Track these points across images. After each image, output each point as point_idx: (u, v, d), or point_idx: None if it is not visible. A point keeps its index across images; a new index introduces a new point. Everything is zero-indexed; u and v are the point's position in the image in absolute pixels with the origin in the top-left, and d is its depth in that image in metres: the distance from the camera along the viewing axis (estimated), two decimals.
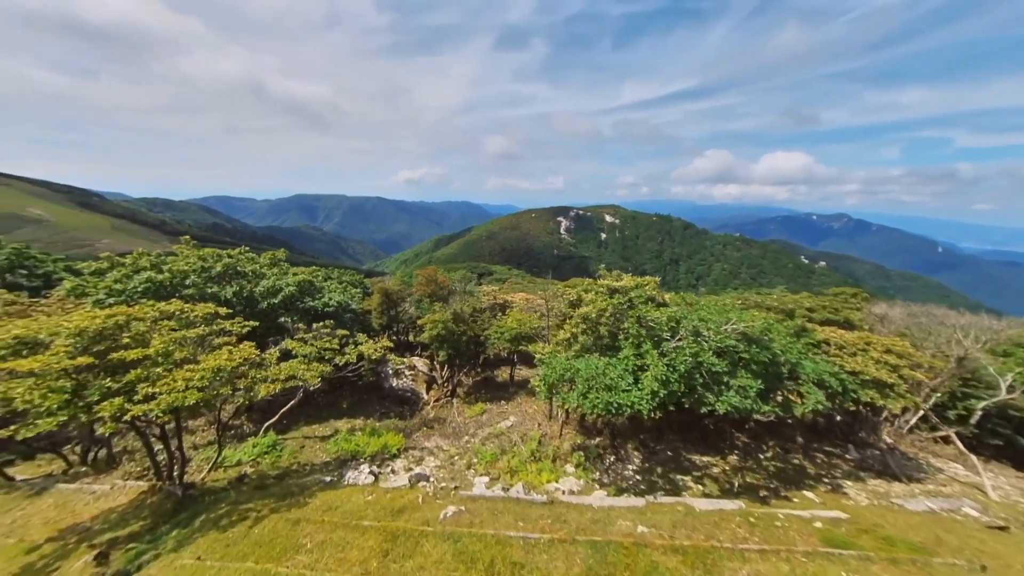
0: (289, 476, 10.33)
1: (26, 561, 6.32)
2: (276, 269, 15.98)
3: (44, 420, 5.66)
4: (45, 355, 6.00)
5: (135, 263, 12.82)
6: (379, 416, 17.15)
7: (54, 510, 8.09)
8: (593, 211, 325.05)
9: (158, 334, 7.47)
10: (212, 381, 7.05)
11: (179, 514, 7.88)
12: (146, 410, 6.19)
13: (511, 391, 21.25)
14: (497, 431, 13.83)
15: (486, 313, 21.13)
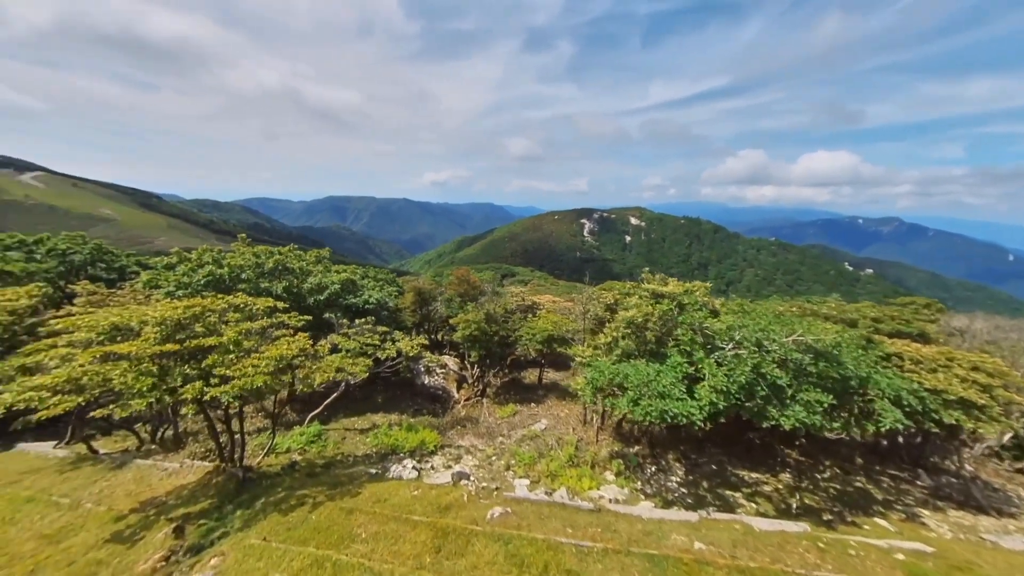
0: (335, 466, 10.74)
1: (115, 529, 6.91)
2: (320, 267, 16.76)
3: (136, 401, 6.16)
4: (138, 341, 6.56)
5: (199, 258, 13.87)
6: (412, 412, 17.52)
7: (134, 483, 8.82)
8: (617, 213, 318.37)
9: (228, 325, 8.00)
10: (275, 369, 7.43)
11: (241, 495, 8.36)
12: (221, 392, 6.62)
13: (540, 394, 21.10)
14: (531, 433, 13.73)
15: (516, 314, 21.13)
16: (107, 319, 6.93)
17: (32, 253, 20.00)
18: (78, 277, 19.90)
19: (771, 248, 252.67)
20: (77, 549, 6.50)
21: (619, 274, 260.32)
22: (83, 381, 6.00)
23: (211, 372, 6.91)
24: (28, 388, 6.02)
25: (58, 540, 6.76)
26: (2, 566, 6.22)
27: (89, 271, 20.54)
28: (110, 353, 6.20)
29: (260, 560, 5.92)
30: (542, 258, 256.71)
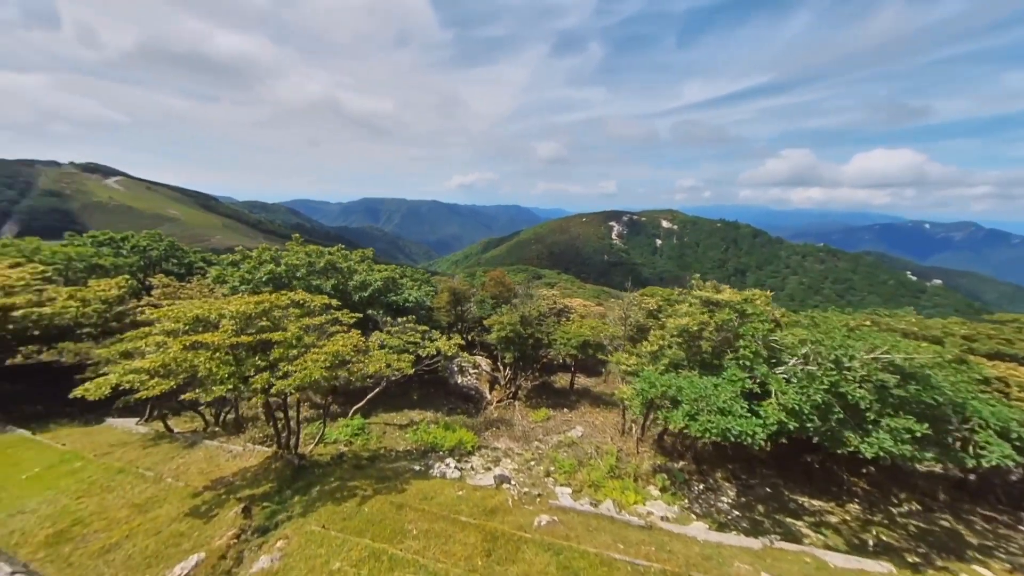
0: (379, 459, 11.10)
1: (193, 504, 7.52)
2: (364, 265, 17.53)
3: (217, 387, 6.67)
4: (218, 333, 7.12)
5: (259, 257, 14.96)
6: (447, 411, 17.80)
7: (204, 462, 9.58)
8: (648, 216, 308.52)
9: (290, 320, 8.51)
10: (332, 363, 7.79)
11: (297, 481, 8.83)
12: (286, 385, 7.02)
13: (572, 399, 20.75)
14: (567, 440, 13.49)
15: (550, 318, 20.95)
16: (191, 311, 7.60)
17: (119, 249, 22.54)
18: (155, 271, 22.19)
19: (818, 254, 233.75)
20: (162, 519, 7.13)
21: (648, 279, 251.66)
22: (173, 367, 6.60)
23: (276, 365, 7.37)
24: (129, 371, 6.69)
25: (146, 510, 7.45)
26: (103, 529, 6.95)
27: (163, 266, 22.84)
28: (196, 342, 6.77)
29: (321, 547, 6.19)
30: (568, 260, 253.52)
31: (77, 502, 7.77)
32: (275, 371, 7.28)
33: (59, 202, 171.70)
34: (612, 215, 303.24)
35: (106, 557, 6.28)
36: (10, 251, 18.29)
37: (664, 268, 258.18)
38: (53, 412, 14.17)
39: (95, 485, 8.26)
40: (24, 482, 8.64)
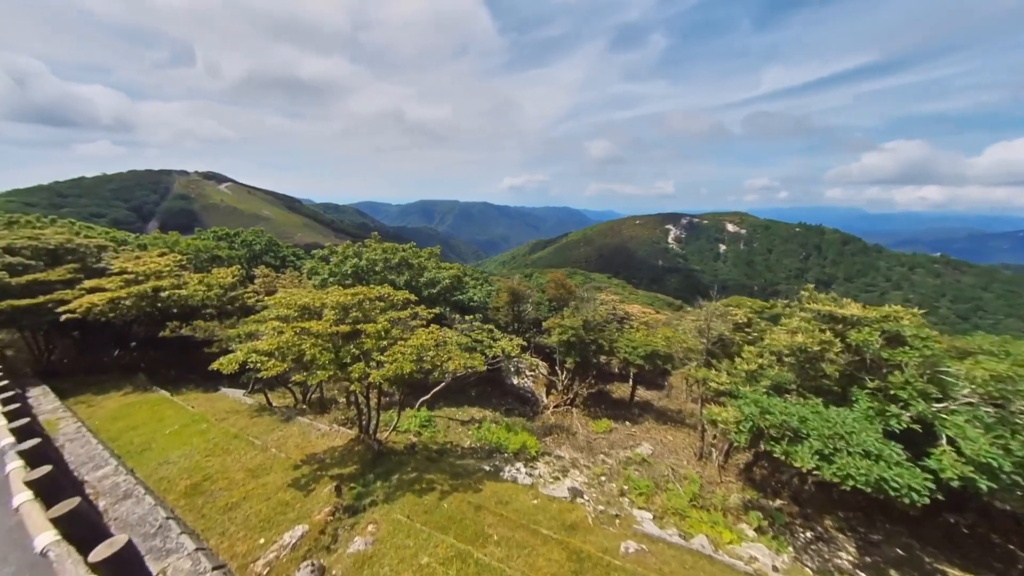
0: (447, 454, 11.31)
1: (294, 476, 8.22)
2: (432, 262, 18.27)
3: (320, 372, 7.17)
4: (321, 322, 7.71)
5: (344, 252, 16.37)
6: (504, 411, 17.76)
7: (299, 437, 10.53)
8: (711, 219, 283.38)
9: (378, 313, 8.98)
10: (418, 357, 7.97)
11: (377, 466, 9.26)
12: (379, 376, 7.32)
13: (635, 412, 19.44)
14: (636, 457, 12.53)
15: (613, 323, 19.90)
16: (299, 300, 8.36)
17: (232, 242, 26.51)
18: (257, 262, 25.67)
19: (932, 266, 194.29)
20: (270, 487, 7.88)
21: (708, 286, 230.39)
22: (285, 350, 7.26)
23: (369, 355, 7.76)
24: (251, 350, 7.49)
25: (257, 475, 8.32)
26: (225, 488, 7.87)
27: (263, 258, 26.37)
28: (305, 329, 7.38)
29: (409, 538, 6.29)
30: (618, 264, 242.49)
31: (205, 459, 8.97)
32: (368, 361, 7.65)
33: (186, 203, 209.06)
34: (669, 217, 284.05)
35: (229, 514, 7.06)
36: (158, 243, 22.48)
37: (728, 276, 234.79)
38: (182, 378, 16.91)
39: (217, 447, 9.48)
40: (167, 437, 10.26)
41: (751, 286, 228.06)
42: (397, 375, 7.55)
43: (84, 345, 17.90)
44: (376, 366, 7.60)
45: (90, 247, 17.77)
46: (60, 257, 16.86)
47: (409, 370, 7.46)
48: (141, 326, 17.30)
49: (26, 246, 15.94)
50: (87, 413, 12.14)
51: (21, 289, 13.79)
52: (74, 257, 17.00)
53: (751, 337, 12.65)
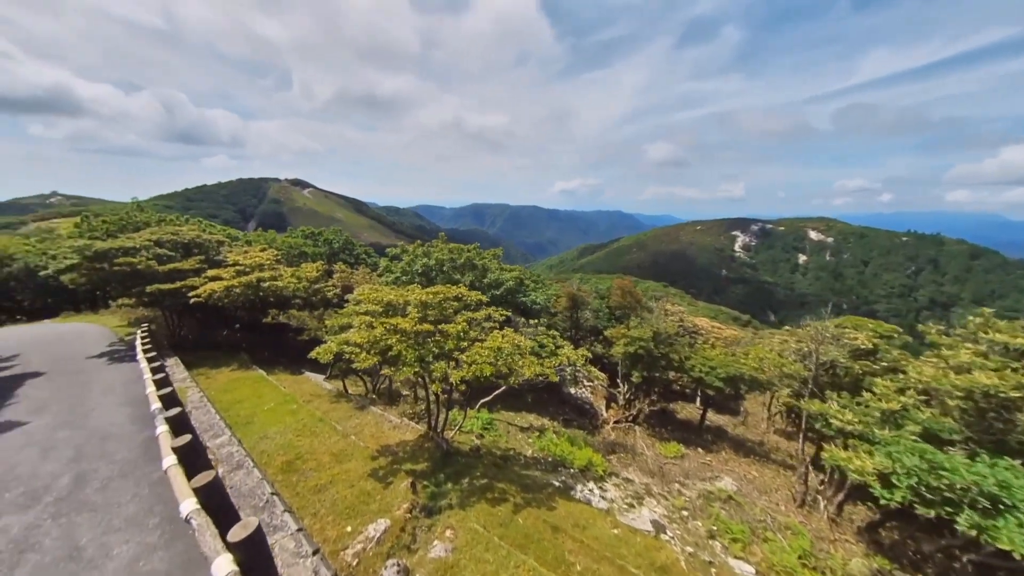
0: (511, 461, 11.00)
1: (373, 466, 8.51)
2: (495, 263, 18.34)
3: (406, 368, 7.26)
4: (407, 319, 7.87)
5: (414, 252, 17.15)
6: (562, 421, 17.07)
7: (373, 427, 11.02)
8: (788, 225, 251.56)
9: (455, 313, 8.99)
10: (496, 360, 7.73)
11: (446, 466, 9.24)
12: (459, 377, 7.20)
13: (707, 439, 17.43)
14: (719, 493, 11.02)
15: (685, 337, 18.13)
16: (386, 296, 8.68)
17: (316, 241, 29.66)
18: (335, 259, 28.33)
19: None
20: (353, 474, 8.22)
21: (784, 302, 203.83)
22: (375, 345, 7.51)
23: (450, 355, 7.72)
24: (342, 342, 7.89)
25: (341, 460, 8.76)
26: (314, 469, 8.39)
27: (340, 256, 29.07)
28: (394, 325, 7.57)
29: (488, 552, 6.01)
30: (675, 272, 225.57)
31: (296, 439, 9.73)
32: (448, 360, 7.62)
33: (277, 207, 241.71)
34: (737, 223, 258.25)
35: (319, 496, 7.46)
36: (260, 240, 25.96)
37: (807, 290, 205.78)
38: (274, 359, 19.01)
39: (306, 429, 10.26)
40: (265, 413, 11.41)
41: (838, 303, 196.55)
42: (475, 377, 7.39)
43: (203, 324, 21.14)
44: (455, 366, 7.52)
45: (212, 242, 20.96)
46: (190, 250, 20.12)
47: (488, 373, 7.25)
48: (244, 311, 19.93)
49: (168, 240, 19.29)
50: (205, 384, 14.11)
51: (165, 275, 16.66)
52: (200, 250, 20.16)
53: (878, 368, 10.38)
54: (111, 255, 15.92)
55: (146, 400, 11.47)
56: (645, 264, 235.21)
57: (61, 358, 16.03)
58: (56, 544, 5.73)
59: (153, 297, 16.06)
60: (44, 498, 6.81)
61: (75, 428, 9.76)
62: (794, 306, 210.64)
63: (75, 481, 7.30)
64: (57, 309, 26.38)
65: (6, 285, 23.15)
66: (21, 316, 25.92)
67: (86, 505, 6.57)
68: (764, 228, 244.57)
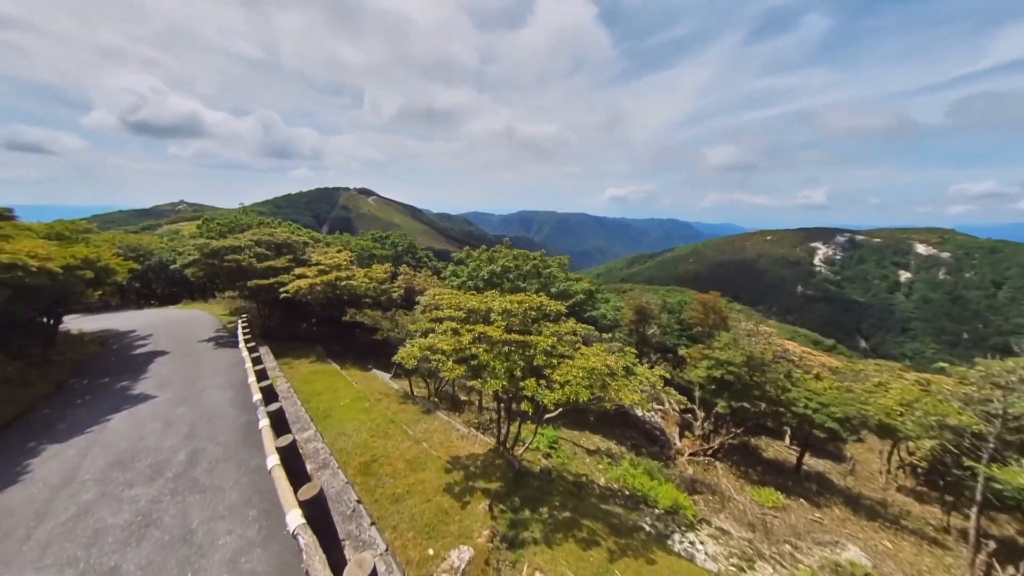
0: (585, 489, 9.97)
1: (447, 480, 8.09)
2: (562, 273, 17.55)
3: (493, 381, 6.72)
4: (494, 327, 7.38)
5: (479, 257, 17.07)
6: (630, 446, 15.51)
7: (441, 434, 10.74)
8: (886, 236, 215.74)
9: (534, 323, 8.33)
10: (591, 383, 6.86)
11: (519, 488, 8.52)
12: (552, 399, 6.46)
13: (809, 488, 14.61)
14: (851, 568, 8.81)
15: (781, 363, 15.54)
16: (467, 302, 8.33)
17: (383, 244, 31.58)
18: (399, 262, 29.82)
19: None
20: (428, 486, 7.86)
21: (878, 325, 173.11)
22: (463, 353, 7.11)
23: (540, 371, 7.03)
24: (426, 348, 7.61)
25: (415, 468, 8.50)
26: (389, 475, 8.20)
27: (404, 258, 30.57)
28: (483, 334, 7.12)
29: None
30: (738, 287, 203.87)
31: (371, 439, 9.75)
32: (539, 378, 6.94)
33: (346, 213, 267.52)
34: (818, 233, 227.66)
35: (397, 507, 7.17)
36: (336, 242, 28.30)
37: (912, 313, 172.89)
38: (343, 354, 20.11)
39: (379, 429, 10.28)
40: (342, 408, 11.77)
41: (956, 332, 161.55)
42: (570, 401, 6.60)
43: (286, 317, 23.30)
44: (546, 385, 6.81)
45: (299, 243, 23.12)
46: (281, 249, 22.35)
47: (586, 398, 6.42)
48: (321, 307, 21.54)
49: (266, 240, 21.62)
50: (289, 373, 15.20)
51: (261, 272, 18.58)
52: (289, 250, 22.30)
53: None
54: (222, 252, 18.17)
55: (244, 385, 12.56)
56: (703, 276, 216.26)
57: (181, 340, 18.58)
58: (174, 523, 6.06)
59: (252, 291, 17.94)
60: (165, 473, 7.42)
61: (190, 406, 10.88)
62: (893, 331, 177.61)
63: (188, 459, 7.91)
64: (179, 296, 31.22)
65: (145, 275, 27.96)
66: (154, 301, 31.12)
67: (196, 485, 6.99)
68: (853, 239, 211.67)
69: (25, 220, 16.73)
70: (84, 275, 12.32)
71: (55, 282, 10.94)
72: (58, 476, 7.49)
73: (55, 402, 11.50)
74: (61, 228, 14.94)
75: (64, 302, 15.99)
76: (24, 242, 10.84)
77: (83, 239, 16.16)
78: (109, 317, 24.96)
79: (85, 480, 7.28)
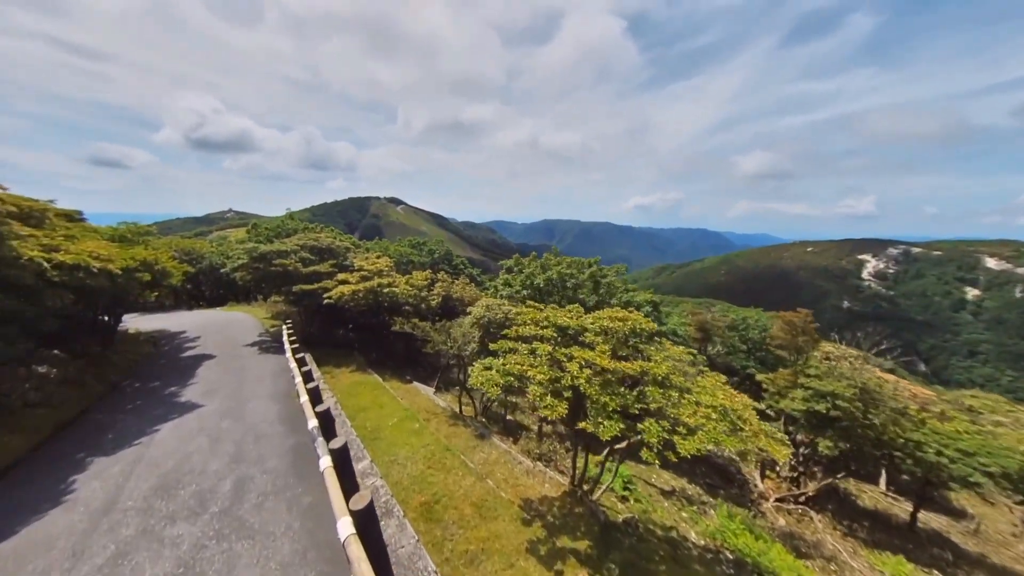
0: (679, 548, 8.21)
1: (528, 535, 6.68)
2: (620, 282, 15.94)
3: (607, 423, 5.28)
4: (597, 353, 5.98)
5: (530, 265, 15.82)
6: (705, 486, 13.42)
7: (502, 467, 9.34)
8: (949, 248, 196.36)
9: (622, 344, 6.85)
10: (732, 427, 5.26)
11: (610, 548, 6.94)
12: (689, 449, 4.93)
13: (940, 556, 11.90)
14: None
15: (892, 401, 13.00)
16: (556, 318, 6.99)
17: (420, 251, 31.25)
18: (436, 268, 29.25)
19: None
20: (505, 542, 6.46)
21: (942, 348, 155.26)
22: (561, 385, 5.76)
23: (663, 412, 5.53)
24: (507, 373, 6.30)
25: (484, 515, 7.14)
26: (457, 522, 6.88)
27: (440, 265, 30.00)
28: (587, 360, 5.74)
29: None
30: (775, 300, 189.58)
31: (428, 470, 8.52)
32: (659, 419, 5.43)
33: (376, 221, 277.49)
34: (867, 244, 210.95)
35: (472, 570, 5.81)
36: (375, 248, 28.19)
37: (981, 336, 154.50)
38: (381, 362, 19.36)
39: (435, 459, 9.04)
40: (390, 429, 10.68)
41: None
42: (705, 449, 5.04)
43: (326, 323, 23.02)
44: (669, 428, 5.29)
45: (341, 248, 22.93)
46: (324, 255, 22.19)
47: (732, 447, 4.85)
48: (361, 314, 21.02)
49: (310, 245, 21.52)
50: (331, 383, 14.44)
51: (305, 277, 18.27)
52: (332, 256, 22.10)
53: None
54: (270, 257, 18.03)
55: (289, 396, 11.80)
56: (736, 288, 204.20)
57: (226, 343, 18.49)
58: None
59: (296, 296, 17.60)
60: (210, 506, 6.48)
61: (235, 419, 10.15)
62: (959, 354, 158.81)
63: (235, 489, 6.96)
64: (225, 299, 32.16)
65: (196, 278, 28.97)
66: (203, 302, 32.23)
67: (244, 528, 5.97)
68: (908, 252, 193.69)
69: (109, 225, 17.38)
70: (142, 277, 12.16)
71: (114, 283, 10.70)
72: (101, 499, 6.76)
73: (108, 406, 11.20)
74: (124, 231, 15.18)
75: (124, 302, 16.27)
76: (88, 243, 10.74)
77: (144, 241, 16.42)
78: (162, 317, 25.78)
79: (127, 508, 6.48)
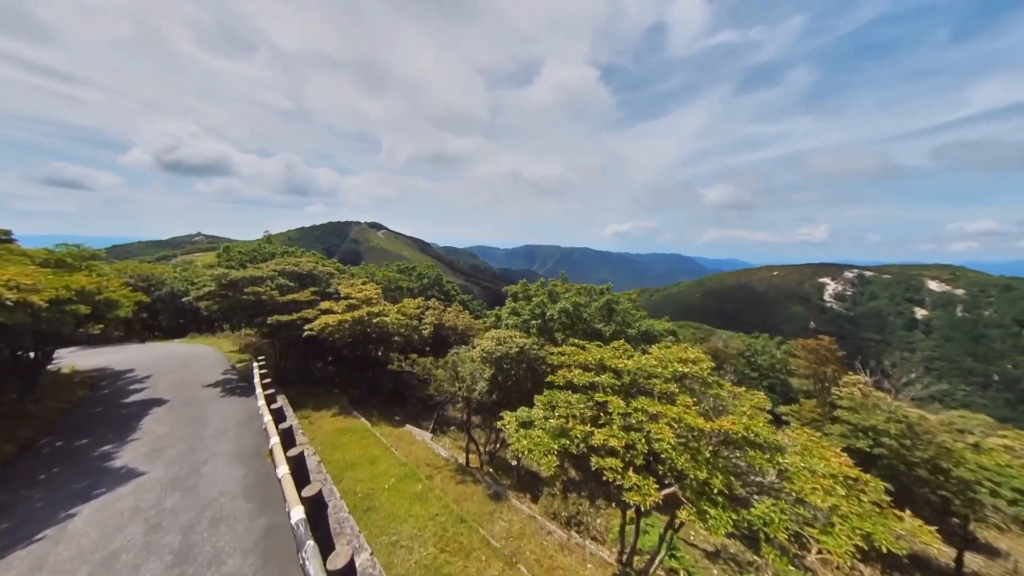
0: None
1: None
2: (634, 310, 15.05)
3: (716, 513, 3.96)
4: (680, 407, 4.79)
5: (537, 292, 14.73)
6: (744, 540, 11.99)
7: (531, 541, 7.65)
8: (896, 272, 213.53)
9: (725, 393, 5.74)
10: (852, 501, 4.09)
11: None
12: (780, 529, 3.70)
13: None
14: None
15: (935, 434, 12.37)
16: (611, 361, 5.80)
17: (409, 275, 29.61)
18: (426, 295, 27.62)
19: None
20: None
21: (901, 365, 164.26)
22: (636, 447, 4.46)
23: (756, 482, 4.32)
24: (562, 437, 4.96)
25: None
26: None
27: (431, 291, 28.39)
28: (658, 412, 4.51)
29: None
30: (748, 322, 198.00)
31: (442, 556, 6.73)
32: (767, 492, 4.21)
33: (356, 246, 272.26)
34: (824, 268, 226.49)
35: None
36: (361, 274, 26.36)
37: (935, 353, 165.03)
38: (365, 400, 17.17)
39: (447, 535, 7.27)
40: (387, 493, 8.77)
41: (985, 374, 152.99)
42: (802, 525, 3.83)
43: (303, 357, 20.59)
44: (791, 511, 4.07)
45: (324, 274, 21.06)
46: (305, 281, 20.23)
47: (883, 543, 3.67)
48: (343, 345, 18.94)
49: (289, 271, 19.58)
50: (311, 432, 12.27)
51: (283, 305, 16.26)
52: (314, 282, 20.17)
53: None
54: (241, 284, 16.01)
55: (258, 455, 9.64)
56: (711, 309, 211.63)
57: (183, 384, 15.80)
58: None
59: (271, 327, 15.52)
60: None
61: (186, 492, 7.96)
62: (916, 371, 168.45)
63: None
64: (186, 329, 28.78)
65: (153, 306, 25.82)
66: (159, 333, 28.65)
67: None
68: (862, 275, 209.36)
69: (45, 248, 14.87)
70: (77, 310, 9.98)
71: (36, 319, 8.59)
72: None
73: (11, 476, 8.66)
74: (63, 254, 12.92)
75: (56, 337, 13.64)
76: (9, 269, 8.66)
77: (88, 267, 14.10)
78: (107, 352, 22.39)
79: None
